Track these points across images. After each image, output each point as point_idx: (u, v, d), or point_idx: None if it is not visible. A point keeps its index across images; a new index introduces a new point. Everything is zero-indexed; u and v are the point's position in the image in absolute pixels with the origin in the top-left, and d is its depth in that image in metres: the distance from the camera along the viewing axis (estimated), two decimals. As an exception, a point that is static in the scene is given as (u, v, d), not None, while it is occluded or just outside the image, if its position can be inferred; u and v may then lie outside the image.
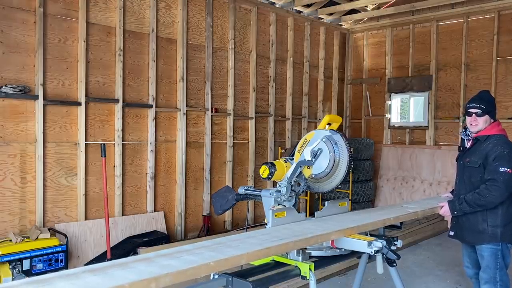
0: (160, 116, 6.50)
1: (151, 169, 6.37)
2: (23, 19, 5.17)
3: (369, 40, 9.68)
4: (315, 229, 2.68)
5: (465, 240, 3.65)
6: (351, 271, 5.26)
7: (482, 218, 3.44)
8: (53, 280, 1.71)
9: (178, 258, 2.01)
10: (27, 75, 5.22)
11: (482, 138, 3.48)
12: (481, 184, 3.41)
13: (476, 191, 3.37)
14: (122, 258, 2.03)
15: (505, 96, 7.73)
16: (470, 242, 3.61)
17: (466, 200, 3.40)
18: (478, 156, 3.45)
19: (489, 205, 3.35)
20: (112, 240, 5.64)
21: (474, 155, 3.49)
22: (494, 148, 3.36)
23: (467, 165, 3.53)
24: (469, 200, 3.38)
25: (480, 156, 3.43)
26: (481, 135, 3.50)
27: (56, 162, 5.47)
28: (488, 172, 3.36)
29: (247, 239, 2.40)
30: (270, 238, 2.44)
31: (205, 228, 6.88)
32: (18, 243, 4.75)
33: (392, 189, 8.97)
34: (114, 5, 5.93)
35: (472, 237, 3.54)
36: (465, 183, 3.56)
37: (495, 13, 7.84)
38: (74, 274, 1.78)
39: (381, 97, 9.40)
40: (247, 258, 2.17)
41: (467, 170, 3.54)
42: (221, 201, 3.33)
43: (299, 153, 3.22)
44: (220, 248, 2.21)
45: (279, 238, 2.44)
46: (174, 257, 2.04)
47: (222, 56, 7.30)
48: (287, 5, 8.42)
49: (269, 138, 8.12)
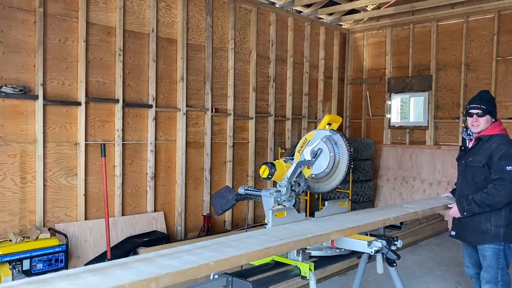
0: (160, 116, 6.50)
1: (151, 169, 6.37)
2: (23, 19, 5.17)
3: (369, 40, 9.68)
4: (315, 229, 2.68)
5: (467, 240, 3.65)
6: (351, 271, 5.26)
7: (486, 218, 3.45)
8: (53, 280, 1.71)
9: (178, 258, 2.01)
10: (27, 75, 5.22)
11: (485, 137, 3.49)
12: (484, 183, 3.43)
13: (484, 191, 3.37)
14: (122, 258, 2.03)
15: (505, 96, 7.73)
16: (473, 242, 3.61)
17: (474, 200, 3.40)
18: (482, 155, 3.45)
19: (498, 205, 3.36)
20: (112, 240, 5.64)
21: (478, 154, 3.49)
22: (499, 148, 3.37)
23: (470, 164, 3.54)
24: (478, 200, 3.38)
25: (484, 156, 3.43)
26: (484, 135, 3.50)
27: (56, 162, 5.47)
28: (494, 172, 3.37)
29: (247, 239, 2.40)
30: (270, 238, 2.44)
31: (205, 228, 6.88)
32: (18, 243, 4.75)
33: (392, 189, 8.97)
34: (114, 5, 5.93)
35: (474, 237, 3.55)
36: (468, 183, 3.57)
37: (495, 13, 7.83)
38: (74, 274, 1.78)
39: (381, 97, 9.40)
40: (247, 258, 2.17)
41: (470, 169, 3.55)
42: (221, 201, 3.33)
43: (299, 153, 3.22)
44: (220, 248, 2.21)
45: (279, 238, 2.44)
46: (174, 257, 2.04)
47: (222, 56, 7.30)
48: (287, 5, 8.42)
49: (269, 138, 8.12)
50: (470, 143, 3.67)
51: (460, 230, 3.65)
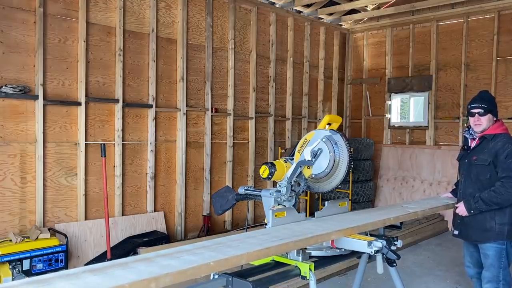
0: (160, 116, 6.50)
1: (151, 169, 6.37)
2: (23, 19, 5.17)
3: (369, 40, 9.68)
4: (315, 229, 2.67)
5: (471, 238, 3.64)
6: (351, 271, 5.26)
7: (490, 216, 3.46)
8: (53, 280, 1.71)
9: (178, 258, 2.01)
10: (27, 75, 5.22)
11: (489, 136, 3.52)
12: (489, 181, 3.45)
13: (492, 189, 3.39)
14: (122, 258, 2.03)
15: (505, 96, 7.73)
16: (476, 240, 3.60)
17: (482, 198, 3.41)
18: (487, 154, 3.47)
19: (506, 203, 3.38)
20: (112, 240, 5.64)
21: (482, 153, 3.52)
22: (505, 146, 3.41)
23: (475, 163, 3.55)
24: (485, 198, 3.40)
25: (490, 154, 3.46)
26: (488, 134, 3.54)
27: (56, 162, 5.47)
28: (502, 170, 3.40)
29: (247, 239, 2.40)
30: (270, 238, 2.44)
31: (205, 228, 6.88)
32: (18, 243, 4.75)
33: (392, 189, 8.97)
34: (114, 5, 5.93)
35: (478, 235, 3.54)
36: (473, 182, 3.58)
37: (495, 13, 7.84)
38: (74, 274, 1.78)
39: (381, 97, 9.40)
40: (247, 258, 2.17)
41: (475, 168, 3.56)
42: (221, 201, 3.33)
43: (299, 153, 3.22)
44: (220, 248, 2.21)
45: (279, 238, 2.44)
46: (174, 257, 2.04)
47: (222, 56, 7.30)
48: (287, 5, 8.42)
49: (269, 138, 8.12)
50: (473, 142, 3.68)
51: (463, 229, 3.64)
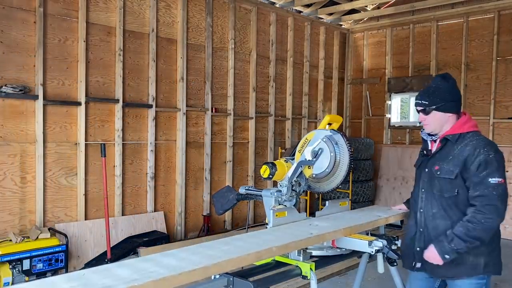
0: (160, 116, 6.50)
1: (151, 169, 6.37)
2: (23, 19, 5.16)
3: (369, 40, 9.68)
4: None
5: (438, 274, 2.74)
6: (351, 271, 5.26)
7: None
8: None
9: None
10: (27, 75, 5.22)
11: (452, 137, 2.68)
12: (457, 200, 2.60)
13: (466, 219, 2.52)
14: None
15: (505, 96, 7.72)
16: (445, 276, 2.73)
17: (456, 234, 2.52)
18: (453, 163, 2.61)
19: (488, 234, 2.51)
20: (112, 240, 5.63)
21: (446, 161, 2.65)
22: (476, 152, 2.54)
23: (437, 175, 2.68)
24: (461, 234, 2.50)
25: (456, 163, 2.60)
26: (450, 134, 2.70)
27: (56, 162, 5.47)
28: (474, 187, 2.52)
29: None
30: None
31: (205, 228, 6.88)
32: (18, 243, 4.75)
33: (392, 189, 8.97)
34: (114, 5, 5.93)
35: (446, 270, 2.65)
36: (436, 199, 2.70)
37: (495, 13, 7.84)
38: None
39: (381, 97, 9.40)
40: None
41: (437, 182, 2.69)
42: (222, 201, 3.32)
43: (299, 153, 3.21)
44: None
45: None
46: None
47: (222, 56, 7.30)
48: (287, 5, 8.42)
49: (269, 138, 8.12)
50: (433, 145, 2.83)
51: (426, 262, 2.68)
